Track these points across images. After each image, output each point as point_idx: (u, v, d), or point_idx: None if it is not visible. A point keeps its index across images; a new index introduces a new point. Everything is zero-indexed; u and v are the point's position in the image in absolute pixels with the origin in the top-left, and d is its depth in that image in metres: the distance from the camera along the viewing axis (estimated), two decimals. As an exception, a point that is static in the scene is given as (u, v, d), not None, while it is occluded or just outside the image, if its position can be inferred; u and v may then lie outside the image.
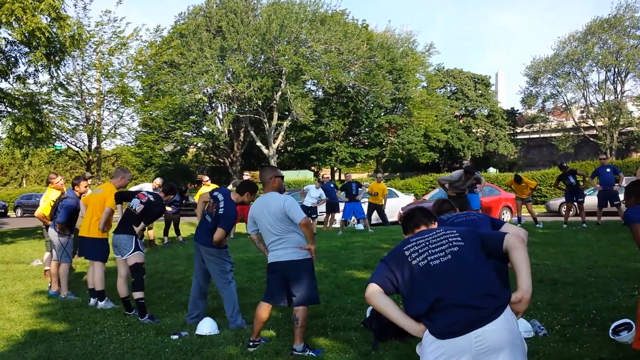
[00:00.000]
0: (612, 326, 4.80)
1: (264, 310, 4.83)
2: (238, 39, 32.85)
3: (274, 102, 34.95)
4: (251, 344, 4.87)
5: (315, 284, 4.81)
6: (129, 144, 29.26)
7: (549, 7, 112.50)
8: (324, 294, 6.80)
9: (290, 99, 32.87)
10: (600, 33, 40.61)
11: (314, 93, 39.68)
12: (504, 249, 2.48)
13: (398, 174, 45.28)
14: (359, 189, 14.64)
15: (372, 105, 39.74)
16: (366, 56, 34.36)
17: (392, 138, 41.17)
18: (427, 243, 2.63)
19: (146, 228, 7.15)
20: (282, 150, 44.01)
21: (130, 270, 6.26)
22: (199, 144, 40.30)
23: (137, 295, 6.12)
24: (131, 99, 24.15)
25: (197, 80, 32.21)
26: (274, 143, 36.33)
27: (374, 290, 2.60)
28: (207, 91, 35.48)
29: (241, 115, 35.91)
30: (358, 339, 4.95)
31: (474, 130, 45.95)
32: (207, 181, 13.72)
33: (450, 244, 2.57)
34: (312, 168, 42.19)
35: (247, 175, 13.74)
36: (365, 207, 15.33)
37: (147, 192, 6.61)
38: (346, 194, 14.57)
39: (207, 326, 5.51)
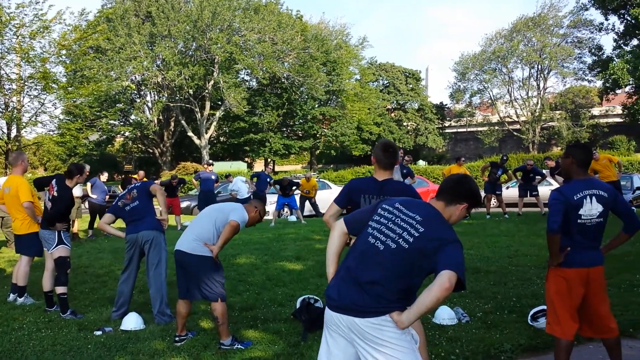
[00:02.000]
0: (531, 313, 5.04)
1: (182, 304, 4.71)
2: (168, 25, 31.96)
3: (206, 91, 34.33)
4: (177, 339, 4.76)
5: (216, 281, 4.60)
6: (51, 133, 27.98)
7: (478, 3, 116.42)
8: (255, 286, 6.77)
9: (223, 89, 32.37)
10: (525, 31, 42.43)
11: (247, 83, 39.29)
12: (435, 275, 2.35)
13: (331, 166, 45.66)
14: (293, 187, 14.63)
15: (306, 96, 39.82)
16: (300, 47, 34.31)
17: (325, 130, 41.43)
18: (394, 219, 2.53)
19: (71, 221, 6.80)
20: (215, 141, 43.35)
21: (54, 264, 5.99)
22: (127, 133, 39.05)
23: (60, 290, 5.86)
24: (53, 85, 23.10)
25: (125, 67, 31.15)
26: (206, 133, 35.70)
27: (337, 225, 2.74)
28: (135, 78, 34.41)
29: (171, 104, 35.07)
30: (288, 330, 4.94)
31: (404, 124, 46.96)
32: (139, 176, 13.41)
33: (399, 237, 2.47)
34: (246, 159, 41.82)
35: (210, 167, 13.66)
36: (297, 198, 15.34)
37: (56, 181, 6.22)
38: (280, 188, 14.48)
39: (132, 321, 5.34)
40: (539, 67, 43.46)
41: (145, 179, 13.38)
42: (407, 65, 60.50)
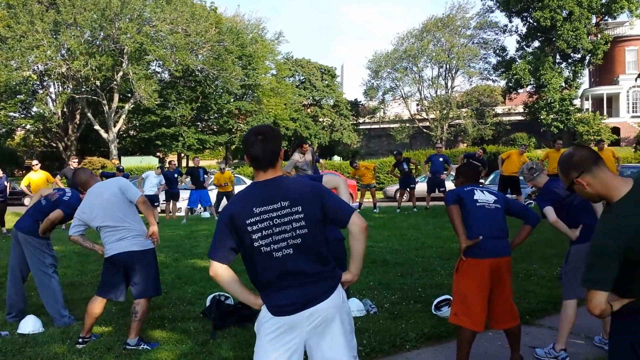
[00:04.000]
0: (435, 302, 5.26)
1: (98, 305, 4.56)
2: (74, 13, 30.32)
3: (115, 82, 32.96)
4: (80, 340, 4.57)
5: (158, 275, 4.67)
6: (-58, 125, 25.87)
7: (391, 3, 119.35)
8: (164, 285, 6.55)
9: (133, 80, 31.23)
10: (434, 31, 44.09)
11: (159, 75, 38.13)
12: (347, 227, 2.50)
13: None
14: (205, 176, 14.29)
15: (222, 90, 39.20)
16: (215, 40, 33.71)
17: (241, 125, 41.02)
18: (272, 224, 2.45)
19: None
20: (124, 135, 41.73)
21: None
22: (28, 127, 36.75)
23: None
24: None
25: (27, 56, 29.30)
26: (115, 127, 34.29)
27: (217, 269, 2.46)
28: (38, 68, 32.43)
29: (77, 96, 33.38)
30: (197, 329, 4.86)
31: (320, 120, 47.42)
32: (35, 165, 12.50)
33: (294, 233, 2.45)
34: (158, 154, 40.61)
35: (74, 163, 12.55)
36: (212, 194, 15.08)
37: None
38: (192, 180, 14.10)
39: (30, 324, 5.06)
40: (447, 66, 45.35)
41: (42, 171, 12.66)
42: (323, 62, 61.05)
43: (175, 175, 14.61)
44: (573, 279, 4.14)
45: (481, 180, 13.70)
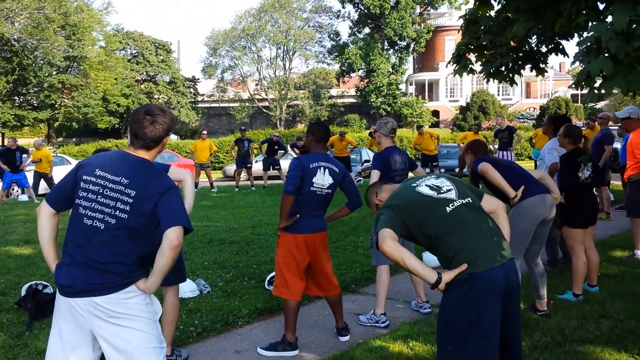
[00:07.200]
0: (267, 278, 5.38)
1: None
2: None
3: None
4: None
5: None
6: None
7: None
8: (-29, 275, 5.92)
9: None
10: (272, 12, 44.35)
11: (-33, 44, 33.58)
12: (162, 239, 2.34)
13: (74, 140, 41.94)
14: (24, 155, 13.01)
15: (42, 62, 35.63)
16: (33, 7, 30.54)
17: (66, 100, 37.78)
18: (101, 191, 2.37)
19: None
20: None
21: None
22: None
23: None
24: None
25: None
26: None
27: (42, 209, 2.50)
28: None
29: None
30: (10, 321, 4.46)
31: (155, 97, 45.38)
32: None
33: (115, 210, 2.35)
34: (-34, 131, 35.91)
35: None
36: (30, 175, 13.77)
37: None
38: (7, 163, 12.73)
39: None
40: (285, 48, 46.01)
41: None
42: (157, 36, 58.48)
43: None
44: None
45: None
